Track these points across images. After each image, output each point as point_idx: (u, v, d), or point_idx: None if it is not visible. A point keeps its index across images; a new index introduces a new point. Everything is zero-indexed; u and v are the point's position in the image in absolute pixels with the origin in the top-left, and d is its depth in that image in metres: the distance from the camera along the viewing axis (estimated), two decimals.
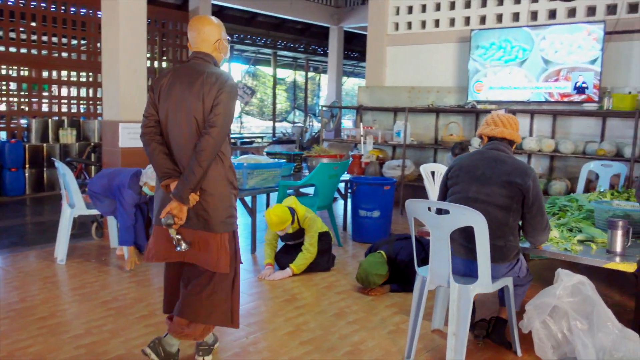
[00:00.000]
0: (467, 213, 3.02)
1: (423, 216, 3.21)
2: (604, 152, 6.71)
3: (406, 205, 3.26)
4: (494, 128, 3.38)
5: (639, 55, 6.97)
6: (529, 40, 7.39)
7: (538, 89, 7.40)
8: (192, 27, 2.99)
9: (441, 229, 3.12)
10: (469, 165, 3.34)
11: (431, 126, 8.60)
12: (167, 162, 2.91)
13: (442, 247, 3.14)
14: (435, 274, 3.25)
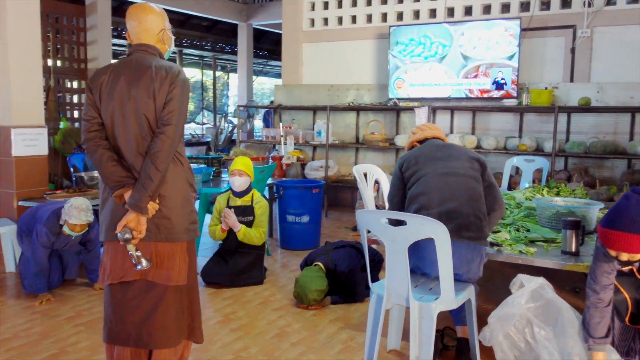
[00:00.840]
0: (427, 224, 2.75)
1: (376, 228, 2.92)
2: (525, 147, 6.79)
3: (357, 216, 2.98)
4: (424, 130, 3.44)
5: (552, 52, 7.13)
6: (448, 37, 7.36)
7: (458, 85, 7.38)
8: (132, 15, 2.61)
9: (398, 242, 2.84)
10: (425, 153, 3.29)
11: (352, 125, 8.40)
12: (119, 169, 2.49)
13: (399, 261, 2.84)
14: (393, 291, 2.95)
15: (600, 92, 6.78)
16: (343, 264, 4.28)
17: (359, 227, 3.03)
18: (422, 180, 3.15)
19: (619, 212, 2.45)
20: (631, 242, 2.39)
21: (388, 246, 2.89)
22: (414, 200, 3.14)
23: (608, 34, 6.80)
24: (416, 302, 2.84)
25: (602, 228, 2.51)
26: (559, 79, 7.07)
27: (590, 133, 6.87)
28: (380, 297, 2.99)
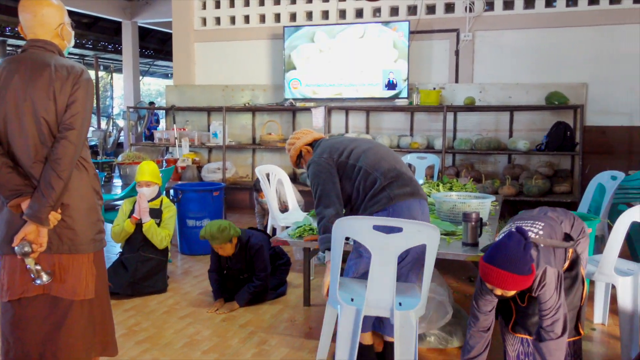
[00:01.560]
0: (423, 230, 2.61)
1: (363, 236, 2.64)
2: (417, 145, 7.09)
3: (337, 225, 2.67)
4: (307, 134, 3.40)
5: (439, 54, 7.50)
6: (341, 38, 7.50)
7: (352, 85, 7.55)
8: (25, 8, 2.37)
9: (388, 250, 2.63)
10: (341, 140, 3.25)
11: (249, 126, 8.32)
12: (15, 176, 2.26)
13: (387, 272, 2.66)
14: (374, 305, 2.72)
15: (482, 92, 7.24)
16: (256, 239, 4.23)
17: (334, 236, 2.70)
18: (366, 153, 3.08)
19: (499, 249, 2.50)
20: (505, 280, 2.44)
21: (375, 255, 2.64)
22: (374, 169, 3.03)
23: (488, 38, 7.29)
24: (398, 312, 2.70)
25: (482, 261, 2.54)
26: (446, 80, 7.46)
27: (475, 131, 7.32)
28: (358, 311, 2.72)
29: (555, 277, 2.61)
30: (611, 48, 6.82)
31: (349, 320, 2.71)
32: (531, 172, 6.84)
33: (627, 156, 6.77)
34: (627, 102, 6.77)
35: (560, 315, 2.56)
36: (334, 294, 2.75)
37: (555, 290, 2.57)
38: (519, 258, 2.45)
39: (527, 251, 2.49)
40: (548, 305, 2.56)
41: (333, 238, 2.67)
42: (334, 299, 2.77)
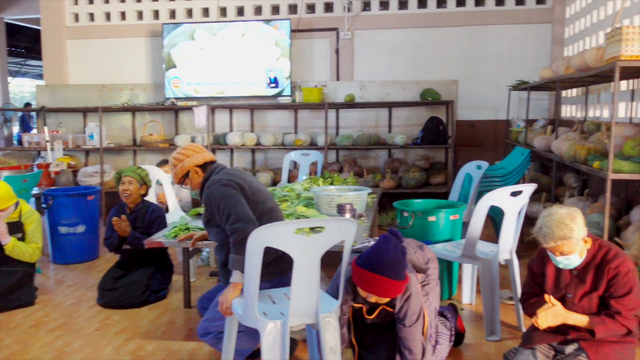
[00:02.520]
0: (344, 225, 2.49)
1: (285, 242, 2.41)
2: (301, 142, 7.16)
3: (255, 235, 2.39)
4: (199, 152, 3.11)
5: (319, 52, 7.63)
6: (222, 36, 7.41)
7: (235, 84, 7.49)
8: None
9: (311, 252, 2.46)
10: (238, 174, 3.05)
11: (128, 126, 7.98)
12: None
13: (310, 276, 2.47)
14: (300, 313, 2.52)
15: (362, 89, 7.46)
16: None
17: (252, 245, 2.42)
18: (265, 197, 3.03)
19: (378, 254, 2.48)
20: (385, 286, 2.46)
21: (298, 260, 2.44)
22: (270, 216, 2.98)
23: (366, 37, 7.52)
24: (322, 315, 2.57)
25: (357, 266, 2.52)
26: (327, 78, 7.60)
27: (356, 127, 7.53)
28: (284, 322, 2.50)
29: (419, 285, 2.71)
30: (478, 47, 7.29)
31: (275, 337, 2.47)
32: (409, 166, 7.15)
33: (493, 147, 7.27)
34: (492, 97, 7.27)
35: (422, 330, 2.66)
36: (252, 311, 2.49)
37: (420, 301, 2.67)
38: (398, 263, 2.49)
39: (404, 256, 2.54)
40: (413, 314, 2.64)
41: (250, 250, 2.40)
42: (251, 316, 2.52)
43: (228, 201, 2.80)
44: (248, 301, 2.51)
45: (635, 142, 3.67)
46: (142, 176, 4.34)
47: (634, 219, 4.06)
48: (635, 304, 2.56)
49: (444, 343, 2.98)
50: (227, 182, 2.88)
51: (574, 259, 2.59)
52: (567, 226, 2.51)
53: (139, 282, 4.15)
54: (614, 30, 3.41)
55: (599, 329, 2.54)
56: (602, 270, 2.59)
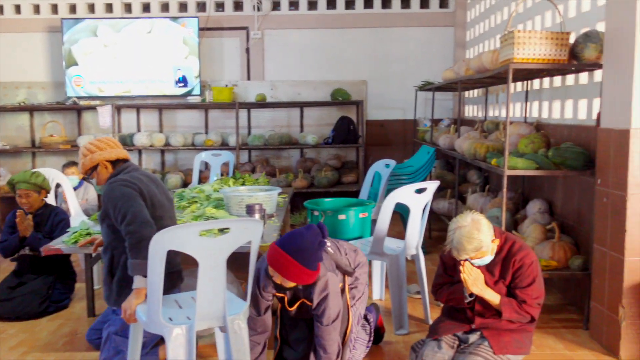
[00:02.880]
0: (250, 226, 2.45)
1: (190, 245, 2.33)
2: (211, 142, 7.05)
3: (157, 238, 2.27)
4: (113, 147, 2.99)
5: (230, 51, 7.54)
6: (127, 33, 7.13)
7: (142, 82, 7.24)
8: None
9: (217, 254, 2.39)
10: (145, 182, 2.88)
11: (26, 127, 7.50)
12: None
13: (216, 278, 2.41)
14: (206, 317, 2.46)
15: (273, 89, 7.45)
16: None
17: (154, 253, 2.31)
18: (163, 214, 2.90)
19: (293, 237, 2.55)
20: (290, 268, 2.49)
21: (204, 262, 2.36)
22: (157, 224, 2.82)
23: (276, 36, 7.51)
24: (230, 318, 2.51)
25: (274, 244, 2.57)
26: (238, 77, 7.53)
27: (268, 127, 7.51)
28: (190, 328, 2.42)
29: (340, 287, 2.73)
30: (385, 48, 7.49)
31: (181, 342, 2.40)
32: (321, 165, 7.23)
33: (402, 146, 7.50)
34: (400, 97, 7.49)
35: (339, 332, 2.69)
36: (157, 317, 2.39)
37: (339, 301, 2.69)
38: (310, 251, 2.51)
39: (320, 248, 2.56)
40: (331, 313, 2.66)
41: (152, 254, 2.31)
42: (156, 322, 2.41)
43: (126, 201, 2.68)
44: (152, 307, 2.40)
45: (529, 140, 3.90)
46: (38, 184, 4.05)
47: (529, 213, 4.32)
48: (538, 293, 2.72)
49: (360, 348, 3.04)
50: (128, 184, 2.76)
51: (488, 259, 2.73)
52: (476, 239, 2.61)
53: (37, 291, 3.91)
54: (507, 34, 3.61)
55: (506, 309, 2.69)
56: (508, 262, 2.74)
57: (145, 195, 2.79)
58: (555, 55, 3.52)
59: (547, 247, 3.68)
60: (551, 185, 4.37)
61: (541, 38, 3.49)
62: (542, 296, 2.75)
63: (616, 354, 3.14)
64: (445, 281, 2.95)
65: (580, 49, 3.48)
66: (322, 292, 2.65)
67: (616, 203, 3.15)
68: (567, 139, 4.03)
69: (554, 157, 3.58)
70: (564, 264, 3.62)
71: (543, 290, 2.76)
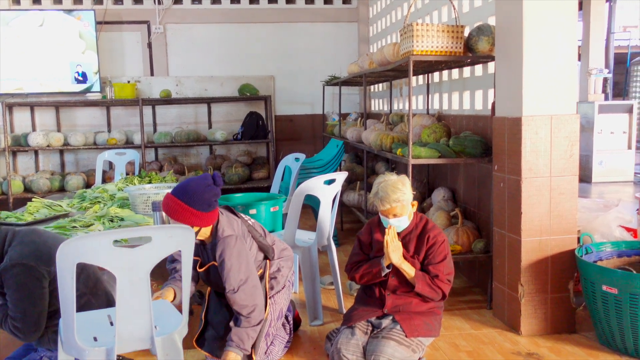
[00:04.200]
0: (176, 234, 2.13)
1: (100, 256, 2.03)
2: (115, 140, 6.76)
3: (65, 249, 1.96)
4: None
5: (131, 46, 7.26)
6: (16, 26, 6.67)
7: (35, 79, 6.80)
8: None
9: (137, 267, 2.08)
10: None
11: None
12: None
13: (139, 296, 2.11)
14: (128, 338, 2.16)
15: (179, 85, 7.26)
16: None
17: (61, 262, 1.99)
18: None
19: (183, 182, 2.63)
20: (175, 208, 2.52)
21: (122, 277, 2.06)
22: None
23: (179, 31, 7.32)
24: (160, 339, 2.21)
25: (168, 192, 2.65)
26: (141, 73, 7.27)
27: (175, 124, 7.31)
28: (109, 350, 2.13)
29: (241, 249, 2.66)
30: (291, 44, 7.50)
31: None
32: (232, 162, 7.14)
33: (312, 141, 7.56)
34: (308, 92, 7.55)
35: (250, 298, 2.64)
36: (71, 338, 2.11)
37: (240, 265, 2.63)
38: (196, 192, 2.54)
39: (207, 190, 2.56)
40: (233, 280, 2.61)
41: (60, 267, 1.99)
42: (71, 344, 2.13)
43: (23, 296, 2.38)
44: (67, 327, 2.11)
45: (431, 130, 4.05)
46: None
47: (434, 201, 4.50)
48: (449, 269, 2.92)
49: (278, 346, 3.02)
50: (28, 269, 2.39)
51: (404, 221, 2.89)
52: (400, 190, 2.81)
53: None
54: (406, 27, 3.72)
55: (419, 281, 2.82)
56: (422, 238, 2.91)
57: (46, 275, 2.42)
58: (451, 47, 3.68)
59: (451, 232, 3.84)
60: (454, 173, 4.57)
61: (438, 31, 3.64)
62: (452, 273, 2.94)
63: (517, 329, 3.34)
64: (360, 259, 3.05)
65: (474, 41, 3.66)
66: (225, 252, 2.61)
67: (512, 187, 3.35)
68: (466, 128, 4.23)
69: (454, 146, 3.75)
70: (467, 248, 3.79)
71: (453, 268, 2.95)
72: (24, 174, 7.00)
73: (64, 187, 6.64)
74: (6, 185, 6.50)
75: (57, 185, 6.66)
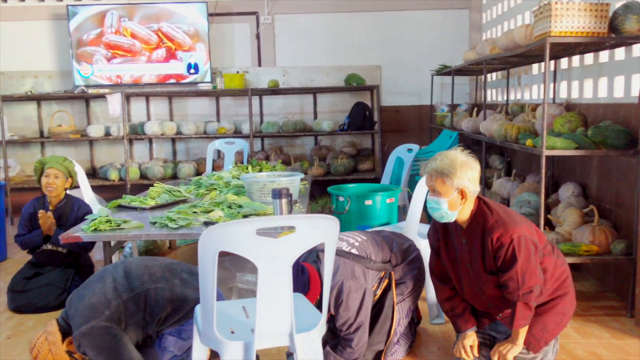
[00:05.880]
0: (320, 224, 1.99)
1: (243, 245, 1.93)
2: (224, 130, 6.89)
3: (206, 237, 1.91)
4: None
5: (240, 37, 7.35)
6: (156, 18, 6.96)
7: (152, 70, 7.06)
8: None
9: (279, 259, 1.97)
10: None
11: (34, 117, 7.35)
12: None
13: (280, 288, 2.00)
14: (267, 333, 2.05)
15: (285, 75, 7.27)
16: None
17: (204, 251, 1.97)
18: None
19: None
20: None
21: (263, 268, 1.97)
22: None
23: (287, 21, 7.32)
24: (300, 336, 2.09)
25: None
26: (249, 64, 7.35)
27: (280, 114, 7.34)
28: (247, 345, 2.04)
29: (361, 293, 2.55)
30: (398, 33, 7.29)
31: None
32: (337, 152, 7.06)
33: (418, 132, 7.32)
34: (415, 82, 7.31)
35: (358, 339, 2.54)
36: (210, 329, 2.05)
37: (358, 307, 2.53)
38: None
39: (303, 274, 2.48)
40: (344, 321, 2.52)
41: (202, 255, 1.97)
42: (209, 336, 2.08)
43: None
44: (205, 317, 2.07)
45: (565, 120, 3.73)
46: (70, 169, 3.96)
47: (562, 197, 4.16)
48: (527, 278, 2.37)
49: (404, 345, 2.89)
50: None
51: (443, 205, 2.44)
52: (452, 166, 2.40)
53: (55, 283, 3.78)
54: (542, 6, 3.43)
55: (518, 324, 2.45)
56: (485, 240, 2.42)
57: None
58: (594, 28, 3.35)
59: (586, 231, 3.51)
60: (584, 167, 4.20)
61: (579, 10, 3.32)
62: (531, 283, 2.38)
63: None
64: (436, 265, 2.74)
65: (620, 21, 3.31)
66: (337, 301, 2.52)
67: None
68: (602, 117, 3.86)
69: (594, 136, 3.42)
70: (605, 249, 3.45)
71: (537, 274, 2.41)
72: (139, 161, 7.30)
73: (176, 175, 6.86)
74: (124, 172, 6.80)
75: (170, 172, 6.89)
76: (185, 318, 2.60)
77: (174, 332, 2.63)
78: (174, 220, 3.24)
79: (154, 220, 3.27)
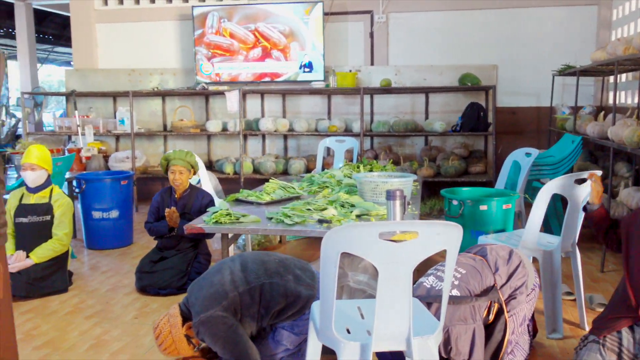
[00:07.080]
0: (442, 231, 1.98)
1: (365, 248, 1.94)
2: (335, 128, 6.97)
3: (330, 237, 1.93)
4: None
5: (353, 36, 7.40)
6: (253, 18, 7.22)
7: (266, 69, 7.30)
8: None
9: (400, 263, 1.97)
10: None
11: (159, 112, 7.87)
12: None
13: (400, 292, 1.99)
14: (385, 336, 2.04)
15: (397, 74, 7.23)
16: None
17: (325, 251, 1.97)
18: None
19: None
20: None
21: (384, 271, 1.97)
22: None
23: (401, 20, 7.27)
24: (416, 341, 2.05)
25: None
26: (361, 62, 7.38)
27: (391, 113, 7.31)
28: (364, 346, 2.04)
29: (470, 334, 2.47)
30: (517, 30, 7.00)
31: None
32: (447, 154, 6.92)
33: (536, 135, 7.00)
34: (534, 83, 6.98)
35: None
36: (328, 327, 2.06)
37: (470, 348, 2.46)
38: None
39: None
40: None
41: (325, 255, 1.97)
42: (327, 334, 2.09)
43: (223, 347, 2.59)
44: (324, 315, 2.08)
45: None
46: (192, 163, 4.28)
47: None
48: None
49: (519, 356, 2.77)
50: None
51: None
52: None
53: (177, 267, 4.05)
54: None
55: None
56: None
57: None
58: None
59: None
60: None
61: None
62: None
63: None
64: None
65: None
66: (446, 347, 2.45)
67: None
68: None
69: None
70: None
71: None
72: (252, 156, 7.58)
73: (287, 170, 7.05)
74: (239, 166, 7.09)
75: (281, 168, 7.09)
76: (298, 314, 2.68)
77: (288, 326, 2.72)
78: (290, 217, 3.34)
79: (270, 216, 3.39)
